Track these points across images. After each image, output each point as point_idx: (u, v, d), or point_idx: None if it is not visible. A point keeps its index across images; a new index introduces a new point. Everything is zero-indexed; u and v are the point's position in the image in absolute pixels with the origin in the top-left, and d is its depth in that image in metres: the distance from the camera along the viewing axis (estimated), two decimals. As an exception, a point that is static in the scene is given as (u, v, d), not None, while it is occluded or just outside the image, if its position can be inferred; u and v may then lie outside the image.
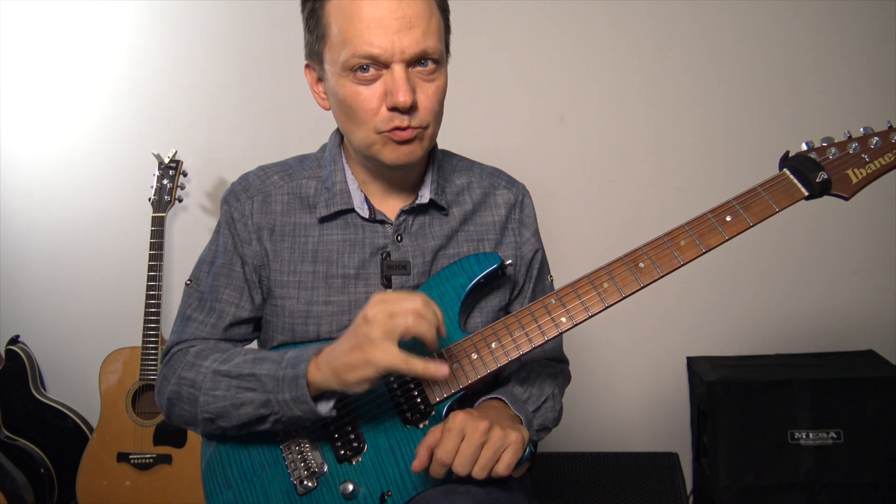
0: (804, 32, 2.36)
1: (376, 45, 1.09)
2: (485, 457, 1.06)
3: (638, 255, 1.14)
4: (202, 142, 2.49)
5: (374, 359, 1.00)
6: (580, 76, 2.43)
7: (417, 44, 1.10)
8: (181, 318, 1.29)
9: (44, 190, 2.55)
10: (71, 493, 2.32)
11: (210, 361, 1.18)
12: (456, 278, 1.22)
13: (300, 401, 1.07)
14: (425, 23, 1.10)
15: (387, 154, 1.17)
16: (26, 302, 2.59)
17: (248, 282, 1.27)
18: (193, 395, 1.17)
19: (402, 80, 1.10)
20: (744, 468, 2.09)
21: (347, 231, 1.26)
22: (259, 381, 1.11)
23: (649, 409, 2.51)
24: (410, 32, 1.09)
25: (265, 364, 1.12)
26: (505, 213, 1.34)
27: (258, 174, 1.30)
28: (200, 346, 1.24)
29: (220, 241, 1.30)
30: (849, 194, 1.17)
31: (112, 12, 2.48)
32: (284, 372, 1.08)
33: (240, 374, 1.13)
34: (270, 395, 1.09)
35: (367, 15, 1.09)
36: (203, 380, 1.16)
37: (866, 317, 2.41)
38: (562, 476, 2.13)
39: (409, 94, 1.10)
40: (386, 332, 1.01)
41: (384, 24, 1.08)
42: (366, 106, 1.13)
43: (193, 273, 1.31)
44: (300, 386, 1.06)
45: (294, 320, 1.25)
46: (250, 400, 1.11)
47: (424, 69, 1.13)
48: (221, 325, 1.27)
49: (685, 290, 2.43)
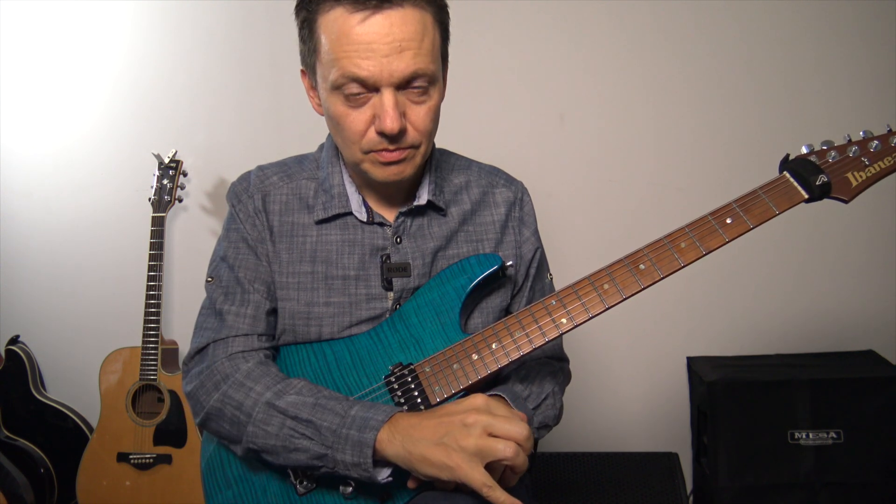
0: (804, 34, 2.36)
1: (364, 67, 1.06)
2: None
3: (638, 256, 1.14)
4: (202, 142, 2.49)
5: (458, 470, 0.98)
6: (580, 76, 2.43)
7: (407, 67, 1.07)
8: (214, 315, 1.25)
9: (44, 190, 2.55)
10: (71, 493, 2.32)
11: (262, 388, 1.14)
12: (457, 279, 1.22)
13: (361, 467, 1.04)
14: (417, 45, 1.07)
15: (376, 173, 1.17)
16: (26, 302, 2.59)
17: (267, 274, 1.25)
18: (240, 420, 1.14)
19: (391, 106, 1.08)
20: (744, 468, 2.09)
21: (346, 232, 1.26)
22: (319, 432, 1.07)
23: (649, 409, 2.51)
24: (401, 56, 1.06)
25: (327, 415, 1.08)
26: (504, 211, 1.34)
27: (257, 174, 1.30)
28: (252, 364, 1.19)
29: (234, 237, 1.27)
30: (848, 197, 1.17)
31: (112, 12, 2.48)
32: (349, 432, 1.05)
33: (297, 417, 1.10)
34: (329, 450, 1.06)
35: (356, 37, 1.06)
36: (253, 407, 1.13)
37: (866, 317, 2.41)
38: (562, 476, 2.13)
39: (397, 120, 1.09)
40: (480, 450, 0.99)
41: (373, 49, 1.06)
42: (353, 128, 1.12)
43: (212, 271, 1.28)
44: (365, 455, 1.04)
45: (295, 321, 1.24)
46: (305, 448, 1.08)
47: (415, 91, 1.11)
48: (260, 315, 1.23)
49: (685, 290, 2.43)
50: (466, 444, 0.99)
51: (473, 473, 0.98)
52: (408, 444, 1.02)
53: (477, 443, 0.99)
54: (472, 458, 0.98)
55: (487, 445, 0.99)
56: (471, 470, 0.98)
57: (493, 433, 1.00)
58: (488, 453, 0.99)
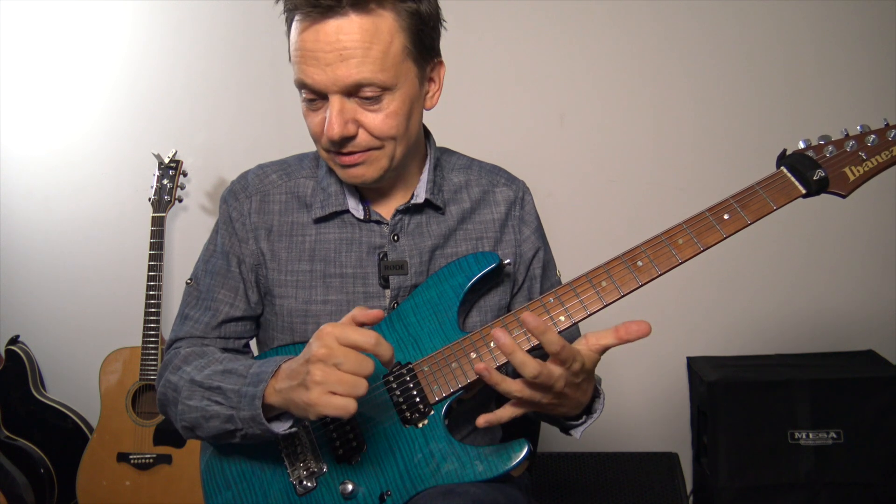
0: (803, 31, 2.36)
1: (309, 75, 1.09)
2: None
3: (636, 253, 1.14)
4: (202, 142, 2.49)
5: (314, 407, 0.98)
6: (580, 76, 2.43)
7: (350, 76, 1.08)
8: (180, 317, 1.31)
9: (44, 190, 2.55)
10: (71, 493, 2.32)
11: (191, 368, 1.19)
12: (454, 277, 1.22)
13: (256, 421, 1.06)
14: (362, 53, 1.07)
15: (339, 174, 1.20)
16: (26, 302, 2.59)
17: (245, 281, 1.28)
18: (175, 400, 1.18)
19: (334, 113, 1.10)
20: (744, 468, 2.09)
21: (344, 230, 1.26)
22: (224, 395, 1.10)
23: (649, 409, 2.51)
24: (344, 64, 1.07)
25: (232, 378, 1.11)
26: (505, 210, 1.33)
27: (257, 173, 1.31)
28: (190, 349, 1.25)
29: (218, 240, 1.31)
30: (846, 192, 1.17)
31: (112, 12, 2.48)
32: (246, 389, 1.08)
33: (210, 387, 1.13)
34: (234, 411, 1.09)
35: (303, 44, 1.09)
36: (182, 386, 1.17)
37: (866, 317, 2.41)
38: (562, 476, 2.13)
39: (340, 127, 1.10)
40: (315, 405, 0.98)
41: (317, 57, 1.08)
42: (313, 129, 1.16)
43: (193, 272, 1.33)
44: (255, 407, 1.05)
45: (293, 319, 1.25)
46: (217, 413, 1.11)
47: (365, 100, 1.11)
48: (214, 322, 1.27)
49: (685, 290, 2.43)
50: (315, 377, 0.98)
51: (326, 409, 0.97)
52: (284, 392, 1.03)
53: (322, 375, 0.97)
54: (321, 393, 0.97)
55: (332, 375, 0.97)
56: (324, 406, 0.97)
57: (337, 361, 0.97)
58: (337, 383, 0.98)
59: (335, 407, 0.97)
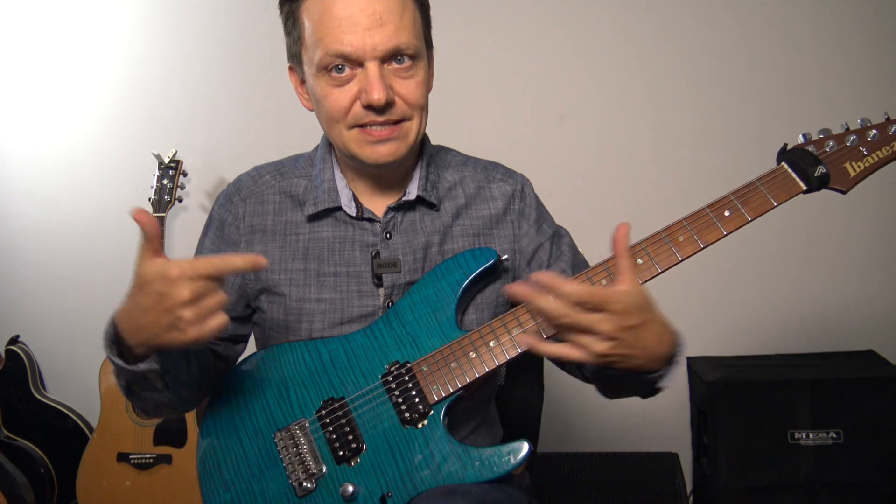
0: (802, 28, 2.36)
1: (347, 42, 1.09)
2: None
3: (636, 251, 1.14)
4: (202, 142, 2.49)
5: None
6: (580, 76, 2.43)
7: (389, 40, 1.10)
8: None
9: (44, 190, 2.55)
10: (71, 493, 2.32)
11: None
12: (452, 274, 1.22)
13: (112, 352, 1.07)
14: (397, 18, 1.10)
15: (365, 153, 1.17)
16: (26, 302, 2.59)
17: (224, 283, 1.26)
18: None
19: (376, 77, 1.10)
20: (744, 468, 2.09)
21: (338, 229, 1.26)
22: (105, 335, 1.10)
23: (649, 409, 2.49)
24: (382, 29, 1.09)
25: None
26: (502, 205, 1.32)
27: (252, 175, 1.32)
28: None
29: (206, 243, 1.32)
30: (846, 188, 1.17)
31: (112, 12, 2.48)
32: (110, 325, 1.08)
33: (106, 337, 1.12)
34: (107, 349, 1.09)
35: (337, 13, 1.09)
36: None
37: (866, 317, 2.41)
38: (562, 476, 2.13)
39: (384, 91, 1.10)
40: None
41: (354, 22, 1.09)
42: (337, 104, 1.14)
43: None
44: (109, 334, 1.07)
45: (288, 317, 1.25)
46: (108, 355, 1.10)
47: (401, 66, 1.13)
48: None
49: (685, 289, 2.42)
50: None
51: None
52: (127, 319, 1.05)
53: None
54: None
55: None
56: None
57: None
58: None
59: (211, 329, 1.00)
